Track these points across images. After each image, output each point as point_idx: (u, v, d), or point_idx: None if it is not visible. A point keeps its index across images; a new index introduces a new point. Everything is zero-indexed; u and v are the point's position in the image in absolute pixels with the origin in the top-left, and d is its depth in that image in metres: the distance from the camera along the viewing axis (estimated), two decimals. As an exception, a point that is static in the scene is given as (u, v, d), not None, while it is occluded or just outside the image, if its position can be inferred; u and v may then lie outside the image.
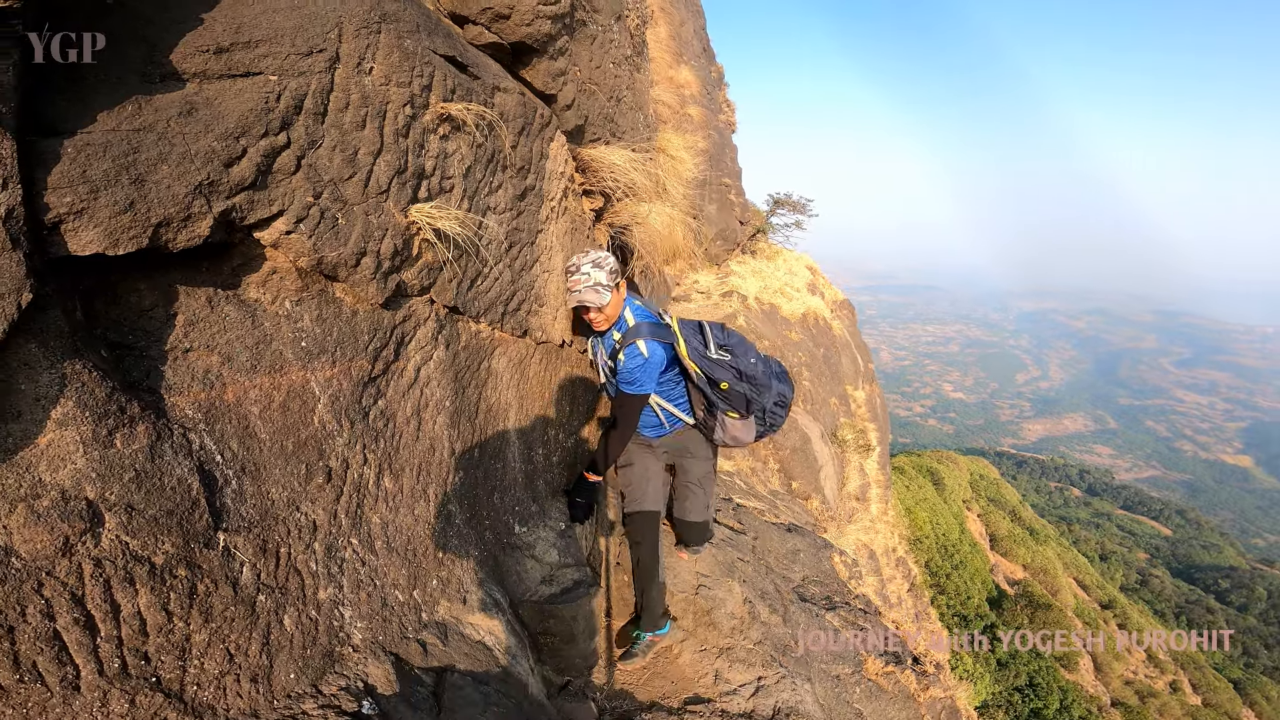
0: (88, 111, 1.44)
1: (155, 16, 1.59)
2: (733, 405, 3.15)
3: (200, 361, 1.63)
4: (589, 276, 2.91)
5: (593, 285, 2.90)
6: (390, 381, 2.28)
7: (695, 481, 3.49)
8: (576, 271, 2.94)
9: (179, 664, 1.60)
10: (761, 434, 3.37)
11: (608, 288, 2.93)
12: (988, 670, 17.57)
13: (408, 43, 2.18)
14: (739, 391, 3.09)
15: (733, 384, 3.08)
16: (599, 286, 2.91)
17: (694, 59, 11.99)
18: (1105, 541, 51.86)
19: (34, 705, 1.35)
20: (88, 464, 1.36)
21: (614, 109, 4.23)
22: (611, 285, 2.95)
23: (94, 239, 1.32)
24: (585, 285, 2.91)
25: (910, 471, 28.26)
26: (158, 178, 1.44)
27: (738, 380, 3.08)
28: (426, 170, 2.28)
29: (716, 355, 3.09)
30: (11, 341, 1.24)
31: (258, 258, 1.78)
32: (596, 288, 2.91)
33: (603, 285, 2.91)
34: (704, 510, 3.51)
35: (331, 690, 1.92)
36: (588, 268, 2.91)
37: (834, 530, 8.27)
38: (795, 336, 10.95)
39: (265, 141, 1.69)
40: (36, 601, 1.35)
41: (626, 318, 3.08)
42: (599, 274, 2.91)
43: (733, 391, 3.09)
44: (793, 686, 3.38)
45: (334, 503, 2.03)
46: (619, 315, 3.07)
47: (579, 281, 2.92)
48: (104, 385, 1.37)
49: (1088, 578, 32.36)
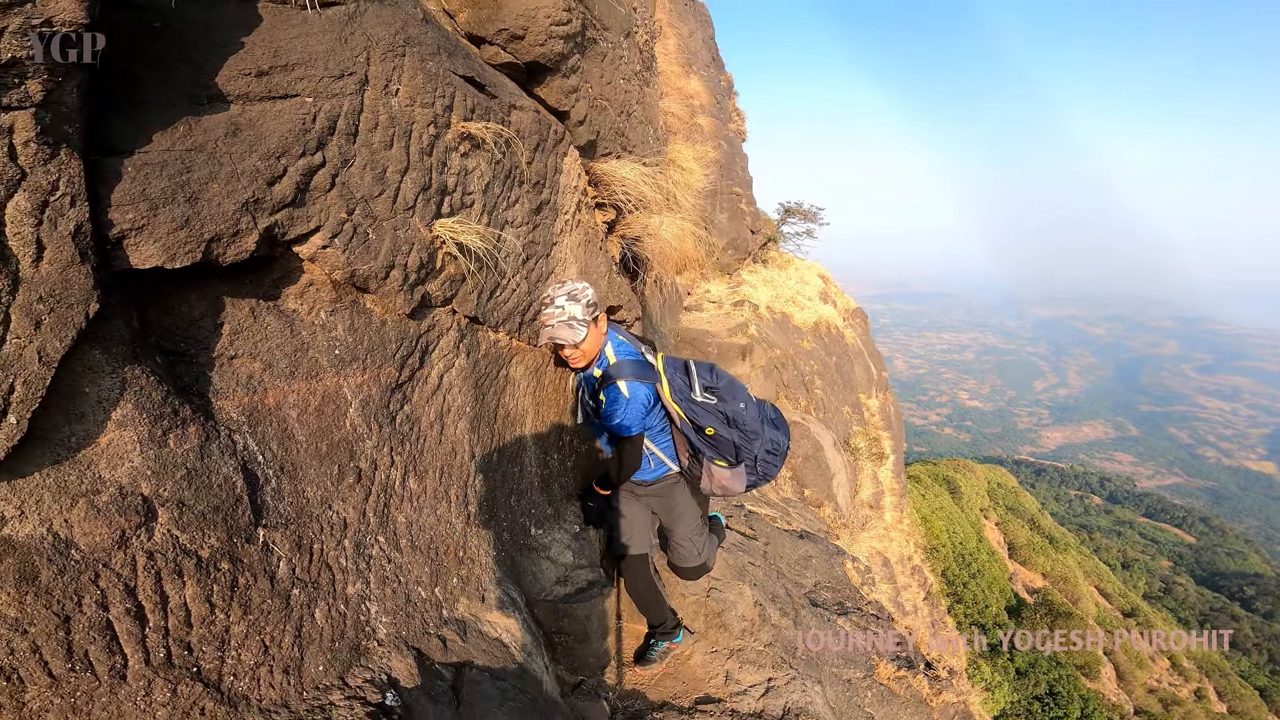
0: (144, 132, 1.55)
1: (200, 40, 1.71)
2: (720, 453, 2.94)
3: (244, 368, 1.76)
4: (563, 310, 2.65)
5: (566, 320, 2.64)
6: (415, 388, 2.39)
7: (685, 537, 3.32)
8: (550, 304, 2.69)
9: (218, 655, 1.69)
10: (753, 484, 3.13)
11: (583, 322, 2.67)
12: (1006, 679, 17.31)
13: (430, 65, 2.30)
14: (726, 438, 2.89)
15: (719, 429, 2.87)
16: (573, 322, 2.65)
17: (703, 69, 12.13)
18: (1127, 549, 51.07)
19: (81, 694, 1.43)
20: (144, 462, 1.47)
21: (624, 123, 4.34)
22: (588, 320, 2.68)
23: (154, 253, 1.44)
24: (558, 320, 2.65)
25: (926, 480, 28.02)
26: (209, 195, 1.57)
27: (725, 426, 2.87)
28: (449, 186, 2.40)
29: (702, 398, 2.87)
30: (78, 348, 1.36)
31: (296, 270, 1.91)
32: (571, 323, 2.65)
33: (578, 320, 2.65)
34: (697, 557, 3.37)
35: (357, 682, 1.99)
36: (562, 300, 2.67)
37: (847, 538, 8.27)
38: (807, 345, 10.99)
39: (303, 161, 1.81)
40: (93, 592, 1.44)
41: (608, 355, 2.83)
42: (574, 308, 2.65)
43: (719, 438, 2.89)
44: (803, 688, 3.43)
45: (363, 502, 2.14)
46: (599, 352, 2.82)
47: (551, 316, 2.67)
48: (159, 389, 1.49)
49: (1109, 586, 31.84)
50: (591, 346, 2.76)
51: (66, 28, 1.27)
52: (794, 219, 17.58)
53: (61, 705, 1.39)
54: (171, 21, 1.66)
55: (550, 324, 2.68)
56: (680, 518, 3.28)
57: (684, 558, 3.38)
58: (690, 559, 3.38)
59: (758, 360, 9.06)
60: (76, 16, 1.27)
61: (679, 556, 3.39)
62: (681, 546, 3.36)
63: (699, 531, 3.38)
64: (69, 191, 1.32)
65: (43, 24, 1.23)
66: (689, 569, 3.43)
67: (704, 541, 3.41)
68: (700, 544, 3.38)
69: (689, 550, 3.36)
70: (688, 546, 3.35)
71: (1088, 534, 50.15)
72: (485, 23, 3.07)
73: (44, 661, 1.37)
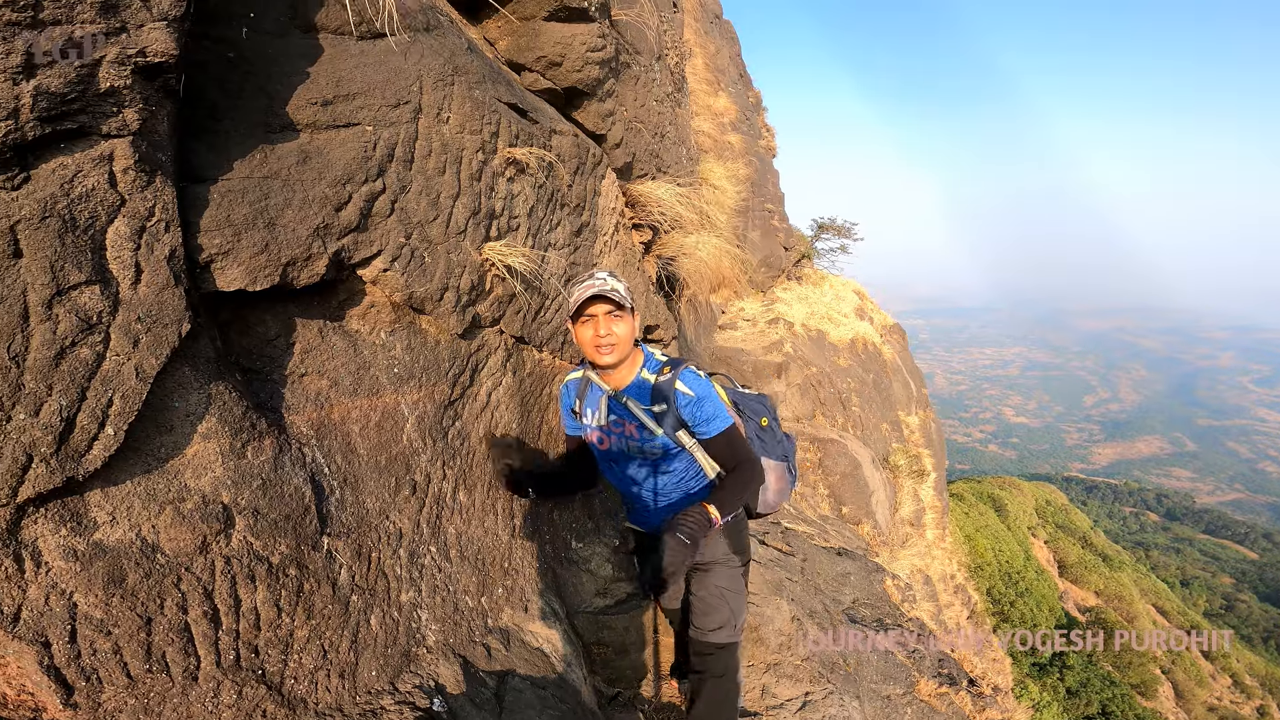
0: (225, 159, 1.68)
1: (269, 70, 1.83)
2: (768, 450, 2.60)
3: (313, 385, 1.87)
4: (605, 281, 2.22)
5: (612, 288, 2.20)
6: (466, 405, 2.49)
7: (717, 592, 2.51)
8: (590, 277, 2.26)
9: (282, 658, 1.76)
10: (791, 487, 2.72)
11: (628, 300, 2.24)
12: (1056, 698, 16.57)
13: (477, 92, 2.42)
14: (776, 430, 2.63)
15: (772, 421, 2.62)
16: (622, 293, 2.22)
17: (730, 85, 12.25)
18: (1186, 566, 48.94)
19: (155, 695, 1.48)
20: (225, 472, 1.58)
21: (658, 144, 4.45)
22: (630, 306, 2.26)
23: (238, 277, 1.57)
24: (602, 285, 2.20)
25: (970, 498, 27.29)
26: (285, 221, 1.69)
27: (773, 418, 2.64)
28: (496, 210, 2.52)
29: (744, 391, 2.68)
30: (170, 365, 1.48)
31: (359, 293, 2.03)
32: (619, 290, 2.21)
33: (623, 294, 2.22)
34: (733, 629, 2.51)
35: (407, 688, 2.03)
36: (603, 274, 2.26)
37: (886, 555, 8.12)
38: (844, 362, 10.89)
39: (366, 187, 1.94)
40: (174, 595, 1.51)
41: (654, 354, 2.42)
42: (618, 284, 2.23)
43: (773, 428, 2.63)
44: (840, 703, 3.39)
45: (417, 513, 2.23)
46: (631, 355, 2.33)
47: (593, 283, 2.22)
48: (239, 404, 1.61)
49: (1168, 604, 30.46)
50: (629, 337, 2.28)
51: (159, 58, 1.36)
52: (827, 235, 17.50)
53: (135, 706, 1.42)
54: (244, 52, 1.78)
55: (592, 281, 2.22)
56: (718, 563, 2.51)
57: (715, 621, 2.50)
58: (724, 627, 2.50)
59: (793, 378, 9.01)
60: (168, 48, 1.37)
61: (709, 621, 2.51)
62: (714, 607, 2.50)
63: (742, 589, 2.56)
64: (164, 217, 1.44)
65: (137, 54, 1.33)
66: (720, 645, 2.51)
67: (743, 610, 2.57)
68: (741, 610, 2.54)
69: (721, 613, 2.49)
70: (721, 606, 2.49)
71: (1144, 552, 48.21)
72: (524, 50, 3.22)
73: (124, 662, 1.41)
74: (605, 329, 2.22)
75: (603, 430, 2.42)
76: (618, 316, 2.22)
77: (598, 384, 2.39)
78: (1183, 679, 22.92)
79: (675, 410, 2.27)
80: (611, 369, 2.32)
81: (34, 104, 1.21)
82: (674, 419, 2.29)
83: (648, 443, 2.33)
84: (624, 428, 2.35)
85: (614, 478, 2.60)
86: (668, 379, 2.28)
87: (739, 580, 2.56)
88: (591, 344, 2.25)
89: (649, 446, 2.34)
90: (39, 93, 1.21)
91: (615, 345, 2.24)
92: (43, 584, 1.29)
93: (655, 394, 2.30)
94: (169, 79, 1.45)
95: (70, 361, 1.30)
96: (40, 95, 1.21)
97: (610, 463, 2.54)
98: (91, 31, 1.25)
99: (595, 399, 2.42)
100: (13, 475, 1.22)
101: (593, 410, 2.43)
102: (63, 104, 1.25)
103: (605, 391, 2.36)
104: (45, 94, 1.22)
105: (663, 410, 2.28)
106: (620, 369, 2.32)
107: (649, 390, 2.32)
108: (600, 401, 2.40)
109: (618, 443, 2.41)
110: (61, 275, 1.28)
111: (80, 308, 1.31)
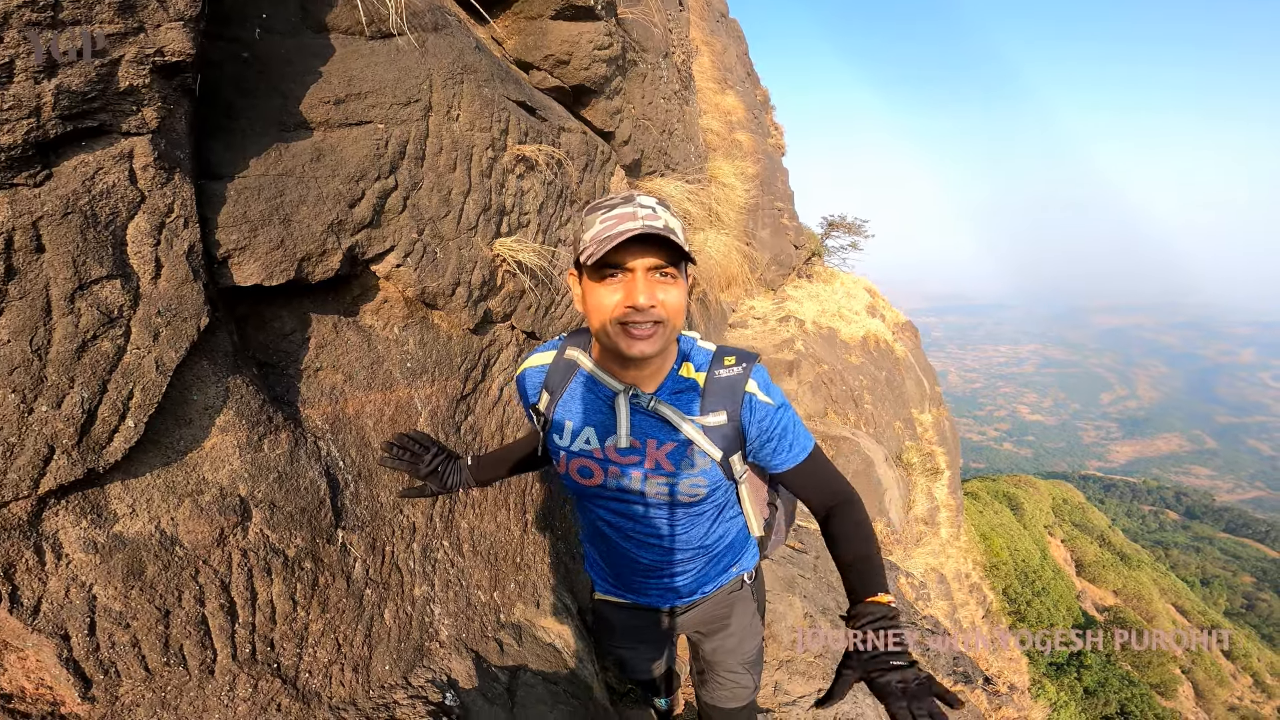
0: (241, 157, 1.70)
1: (283, 69, 1.86)
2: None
3: (328, 379, 1.90)
4: (654, 212, 1.30)
5: (666, 226, 1.28)
6: (478, 400, 2.50)
7: (741, 665, 2.00)
8: (623, 202, 1.32)
9: (297, 651, 1.77)
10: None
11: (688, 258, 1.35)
12: (1073, 698, 16.37)
13: (486, 90, 2.45)
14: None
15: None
16: (679, 236, 1.31)
17: (738, 84, 12.25)
18: (1207, 565, 48.29)
19: (172, 688, 1.49)
20: (242, 465, 1.60)
21: (666, 142, 4.46)
22: (690, 257, 1.36)
23: (254, 272, 1.59)
24: (653, 220, 1.28)
25: (985, 497, 27.05)
26: (300, 217, 1.72)
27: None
28: (506, 207, 2.54)
29: None
30: (189, 359, 1.50)
31: (373, 288, 2.05)
32: (674, 233, 1.29)
33: (681, 238, 1.32)
34: (754, 690, 2.07)
35: (419, 682, 2.04)
36: (647, 200, 1.34)
37: (900, 553, 8.08)
38: (855, 360, 10.84)
39: (379, 184, 1.96)
40: (192, 587, 1.53)
41: (695, 339, 1.55)
42: (674, 220, 1.34)
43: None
44: (853, 699, 3.38)
45: (430, 507, 2.25)
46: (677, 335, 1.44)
47: (632, 214, 1.28)
48: (257, 397, 1.63)
49: (1188, 603, 30.06)
50: (681, 311, 1.35)
51: (176, 58, 1.39)
52: (837, 232, 17.43)
53: (152, 699, 1.43)
54: (258, 52, 1.81)
55: (633, 215, 1.28)
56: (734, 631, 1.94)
57: (732, 696, 2.05)
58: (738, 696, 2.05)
59: (805, 376, 8.99)
60: (184, 48, 1.40)
61: (723, 696, 2.06)
62: (730, 679, 2.02)
63: (761, 656, 2.06)
64: (183, 214, 1.46)
65: (155, 53, 1.36)
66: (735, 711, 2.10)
67: (760, 677, 2.09)
68: (761, 667, 2.09)
69: (740, 684, 2.03)
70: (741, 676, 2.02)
71: (1163, 550, 47.63)
72: (532, 49, 3.24)
73: (142, 655, 1.42)
74: (648, 294, 1.27)
75: (602, 459, 1.51)
76: (670, 278, 1.31)
77: (600, 378, 1.49)
78: (1203, 678, 22.67)
79: (738, 425, 1.46)
80: (646, 363, 1.41)
81: (55, 102, 1.23)
82: (733, 438, 1.47)
83: (686, 476, 1.47)
84: (647, 452, 1.47)
85: (605, 526, 1.68)
86: (733, 377, 1.45)
87: (761, 642, 2.02)
88: (619, 319, 1.30)
89: (687, 482, 1.48)
90: (60, 91, 1.23)
91: (663, 326, 1.32)
92: (63, 576, 1.31)
93: (710, 398, 1.45)
94: (186, 78, 1.47)
95: (92, 355, 1.32)
96: (61, 94, 1.24)
97: (600, 504, 1.63)
98: (110, 31, 1.28)
99: (592, 402, 1.51)
100: (34, 467, 1.24)
101: (584, 420, 1.52)
102: (83, 102, 1.28)
103: (618, 390, 1.46)
104: (66, 92, 1.24)
105: (719, 424, 1.45)
106: (653, 360, 1.41)
107: (697, 393, 1.46)
108: (611, 407, 1.48)
109: (628, 477, 1.51)
110: (83, 270, 1.30)
111: (102, 302, 1.33)
